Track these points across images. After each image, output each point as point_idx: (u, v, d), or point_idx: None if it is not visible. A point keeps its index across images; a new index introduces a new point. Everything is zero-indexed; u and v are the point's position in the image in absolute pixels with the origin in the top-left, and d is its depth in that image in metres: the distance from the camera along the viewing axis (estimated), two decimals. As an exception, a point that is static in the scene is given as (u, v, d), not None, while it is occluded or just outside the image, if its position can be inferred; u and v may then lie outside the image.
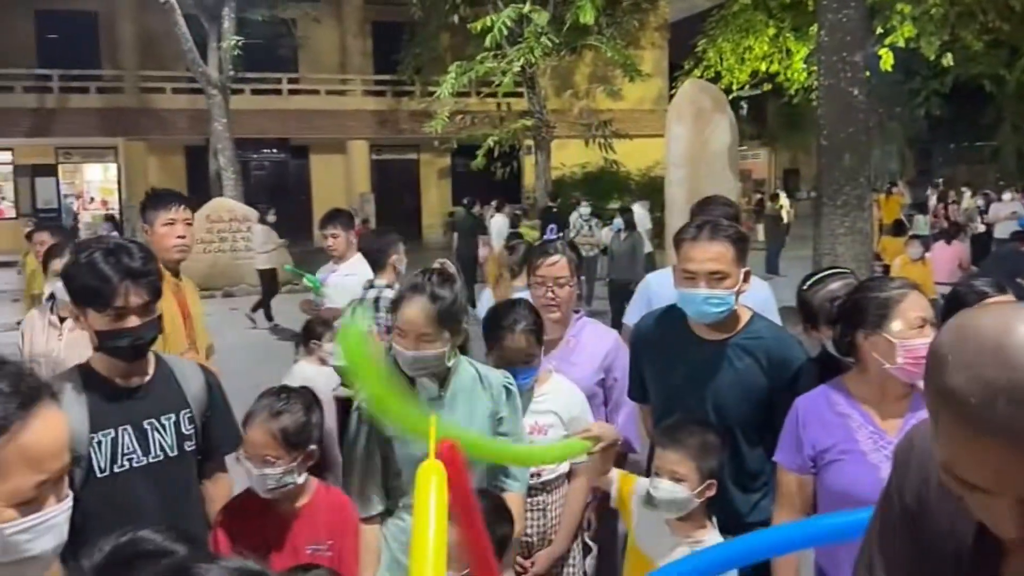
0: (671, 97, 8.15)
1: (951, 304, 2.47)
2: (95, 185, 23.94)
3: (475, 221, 13.39)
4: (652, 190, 16.53)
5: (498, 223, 12.78)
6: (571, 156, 20.16)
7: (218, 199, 15.68)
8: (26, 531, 1.05)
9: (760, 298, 3.02)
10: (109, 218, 12.48)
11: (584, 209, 12.21)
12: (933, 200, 19.30)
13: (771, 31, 15.17)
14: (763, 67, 15.59)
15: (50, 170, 22.96)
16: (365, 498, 2.38)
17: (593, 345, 3.03)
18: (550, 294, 2.95)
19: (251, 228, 14.31)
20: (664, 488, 2.29)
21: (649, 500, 2.34)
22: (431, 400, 2.37)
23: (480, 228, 13.11)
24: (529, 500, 2.63)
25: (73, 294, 2.14)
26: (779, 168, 29.41)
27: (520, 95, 17.54)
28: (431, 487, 1.52)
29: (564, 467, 2.71)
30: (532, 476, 2.62)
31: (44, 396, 1.08)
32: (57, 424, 1.09)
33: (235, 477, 2.42)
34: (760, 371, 2.48)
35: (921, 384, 1.97)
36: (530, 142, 16.98)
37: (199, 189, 17.95)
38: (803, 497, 2.23)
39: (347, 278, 4.96)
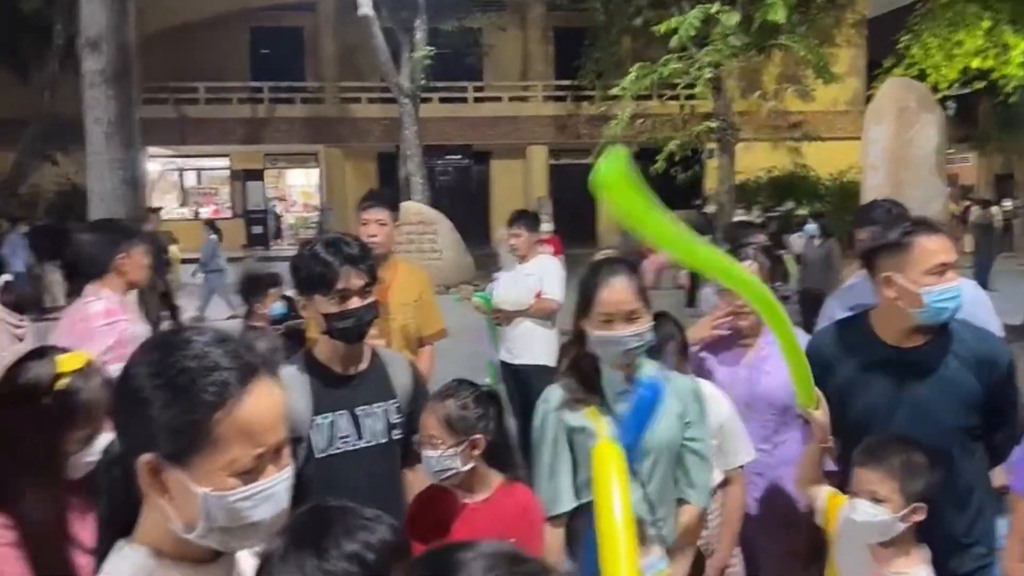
0: (868, 98, 7.65)
1: None
2: (297, 189, 25.85)
3: (708, 221, 13.27)
4: (844, 195, 15.65)
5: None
6: (757, 160, 19.48)
7: (406, 202, 16.45)
8: (247, 499, 1.09)
9: (969, 297, 2.77)
10: (213, 229, 13.53)
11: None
12: None
13: (985, 24, 13.91)
14: (975, 63, 14.33)
15: (258, 175, 25.04)
16: (554, 495, 2.34)
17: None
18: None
19: (436, 230, 14.93)
20: (863, 510, 2.13)
21: (848, 523, 2.20)
22: (618, 394, 2.33)
23: (710, 229, 12.78)
24: None
25: (300, 283, 2.35)
26: (990, 173, 26.96)
27: (703, 97, 17.18)
28: (611, 469, 1.49)
29: (718, 476, 2.64)
30: None
31: (262, 371, 1.11)
32: (274, 398, 1.12)
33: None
34: (970, 373, 2.27)
35: None
36: (713, 145, 16.57)
37: (390, 193, 18.91)
38: None
39: (527, 276, 5.08)
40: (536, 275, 5.10)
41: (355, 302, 2.28)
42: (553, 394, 2.40)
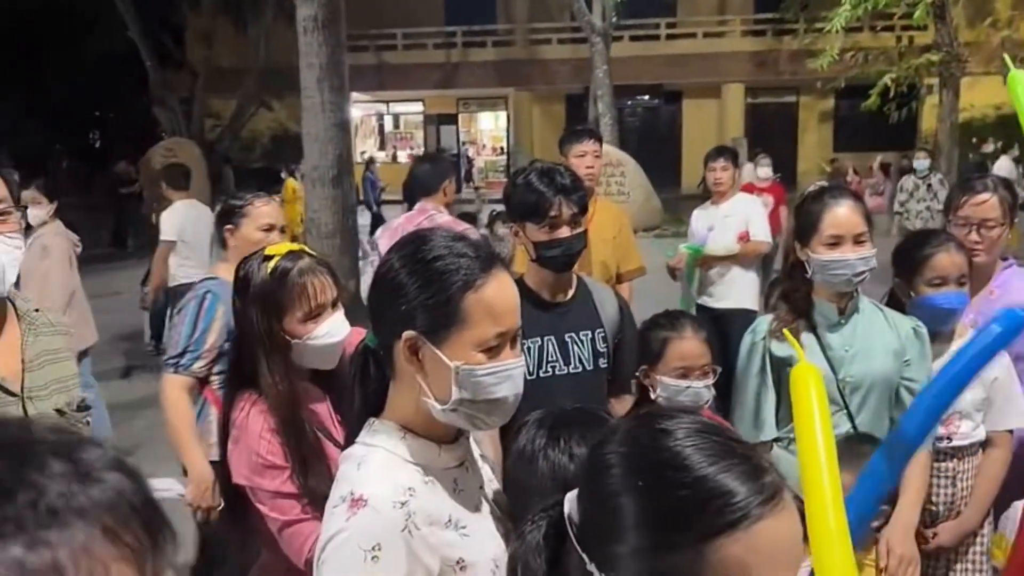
0: None
1: None
2: (487, 133, 26.38)
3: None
4: (1090, 134, 13.83)
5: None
6: (983, 96, 17.57)
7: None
8: (492, 374, 1.23)
9: None
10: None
11: (921, 163, 9.02)
12: None
13: None
14: None
15: (451, 119, 25.76)
16: (758, 423, 2.36)
17: (1020, 295, 2.63)
18: (975, 236, 2.61)
19: (624, 172, 14.73)
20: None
21: None
22: (831, 326, 2.30)
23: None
24: (937, 466, 2.41)
25: (512, 210, 2.43)
26: None
27: (923, 28, 15.63)
28: (811, 392, 1.45)
29: (980, 434, 2.45)
30: (942, 440, 2.38)
31: (498, 262, 1.26)
32: (510, 285, 1.26)
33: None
34: None
35: None
36: (933, 80, 15.08)
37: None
38: None
39: (726, 219, 4.90)
40: (736, 216, 4.92)
41: (565, 231, 2.32)
42: (762, 324, 2.41)
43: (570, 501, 0.97)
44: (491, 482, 1.42)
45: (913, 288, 2.47)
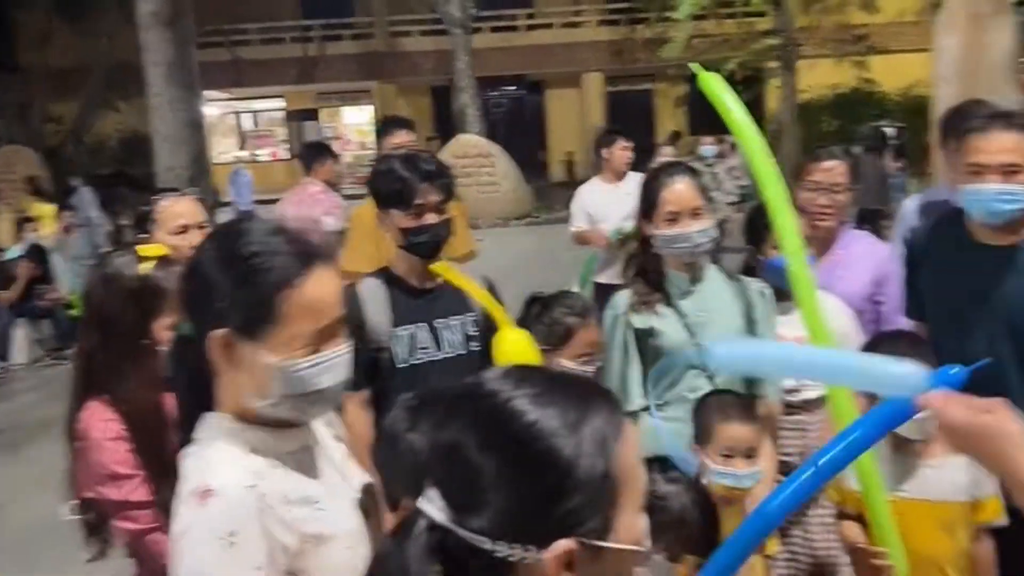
0: (936, 6, 7.27)
1: None
2: (353, 128, 25.96)
3: (882, 136, 13.34)
4: (913, 111, 15.04)
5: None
6: (820, 77, 18.76)
7: (462, 136, 16.41)
8: (314, 367, 1.22)
9: None
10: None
11: (708, 150, 9.52)
12: None
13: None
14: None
15: (313, 115, 25.18)
16: (625, 394, 2.46)
17: (863, 259, 2.89)
18: (824, 200, 2.83)
19: (493, 162, 14.90)
20: None
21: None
22: (684, 294, 2.44)
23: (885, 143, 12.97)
24: (788, 419, 2.59)
25: (378, 197, 2.42)
26: (1071, 81, 25.49)
27: (763, 14, 16.54)
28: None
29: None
30: (791, 393, 2.58)
31: (320, 257, 1.23)
32: (330, 280, 1.24)
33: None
34: None
35: None
36: (775, 64, 16.03)
37: (444, 127, 18.91)
38: None
39: (627, 196, 5.06)
40: (635, 194, 5.09)
41: (431, 218, 2.34)
42: (621, 299, 2.49)
43: (430, 500, 0.89)
44: (346, 459, 1.43)
45: (761, 253, 2.67)
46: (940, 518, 2.20)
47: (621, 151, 5.26)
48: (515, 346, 2.05)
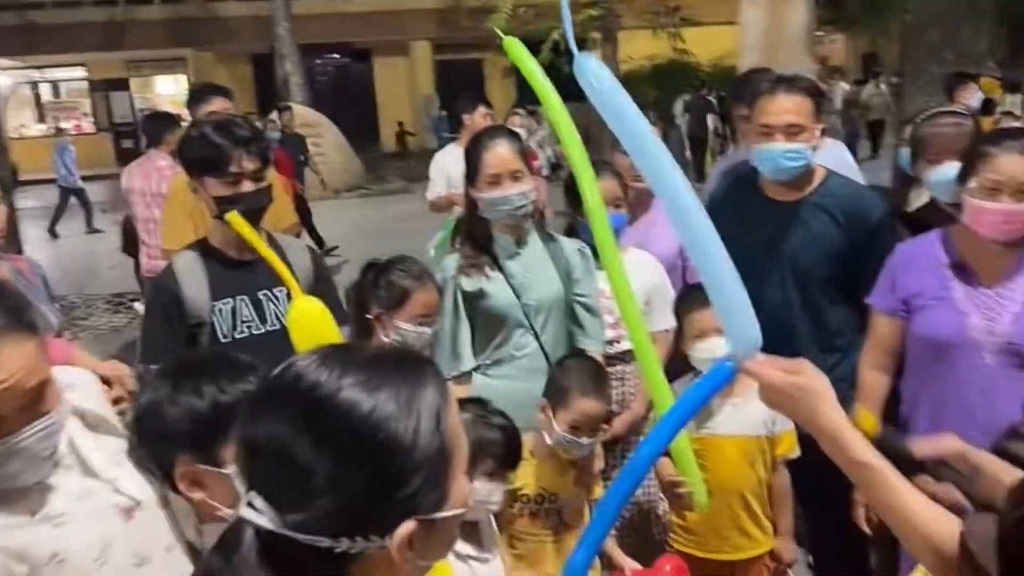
0: (743, -20, 7.81)
1: None
2: (167, 99, 24.36)
3: (708, 104, 14.49)
4: (724, 80, 15.96)
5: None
6: (640, 48, 19.53)
7: (287, 104, 15.82)
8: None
9: (837, 157, 3.03)
10: None
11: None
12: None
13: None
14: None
15: (122, 84, 23.43)
16: (457, 356, 2.52)
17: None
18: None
19: (320, 133, 14.47)
20: (699, 348, 2.34)
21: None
22: (510, 256, 2.51)
23: (712, 108, 14.21)
24: (608, 369, 2.71)
25: (189, 165, 2.31)
26: (857, 54, 27.93)
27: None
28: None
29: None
30: (610, 344, 2.73)
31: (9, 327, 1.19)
32: (14, 352, 1.18)
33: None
34: (836, 228, 2.52)
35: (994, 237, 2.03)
36: (597, 35, 16.50)
37: (268, 96, 18.15)
38: (892, 340, 2.31)
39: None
40: None
41: (247, 186, 2.26)
42: (450, 263, 2.53)
43: (254, 507, 0.83)
44: (116, 453, 1.39)
45: (580, 214, 2.79)
46: (742, 452, 2.41)
47: (482, 118, 5.25)
48: (307, 316, 2.03)
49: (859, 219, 2.52)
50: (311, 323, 2.00)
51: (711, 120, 14.31)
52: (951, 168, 2.33)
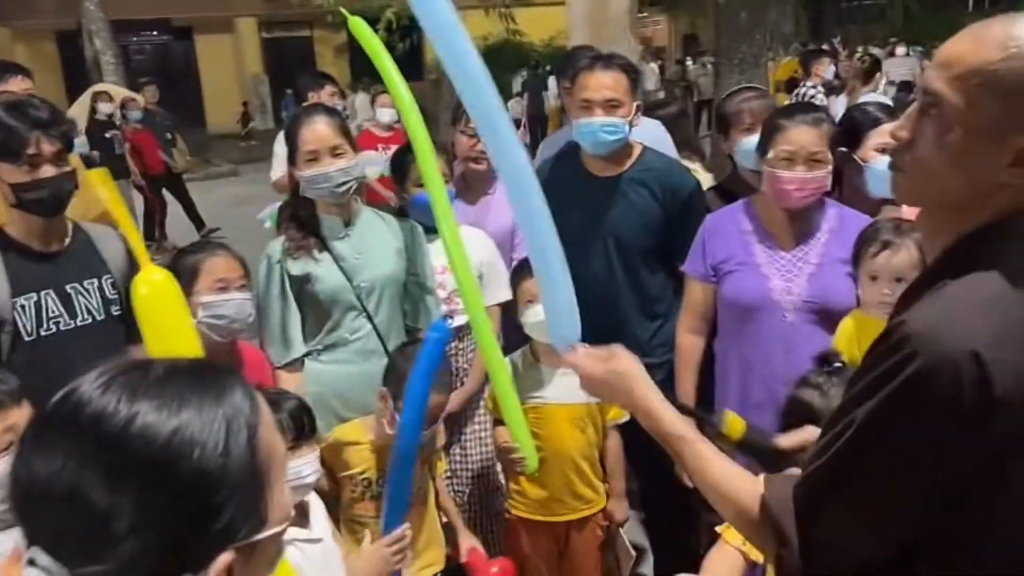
0: (568, -39, 8.03)
1: (847, 127, 2.65)
2: (-42, 78, 22.10)
3: (542, 80, 14.82)
4: (556, 59, 16.33)
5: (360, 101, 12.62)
6: (473, 28, 19.26)
7: (100, 84, 14.72)
8: None
9: (653, 135, 3.20)
10: None
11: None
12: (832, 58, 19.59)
13: None
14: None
15: (-97, 62, 21.01)
16: (287, 343, 2.47)
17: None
18: (478, 146, 3.01)
19: (139, 115, 13.57)
20: (531, 312, 2.41)
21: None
22: (337, 238, 2.47)
23: (545, 86, 14.34)
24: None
25: None
26: (678, 34, 29.32)
27: (415, -36, 16.78)
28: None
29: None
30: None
31: None
32: None
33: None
34: (654, 200, 2.65)
35: (792, 203, 2.22)
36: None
37: (76, 76, 16.82)
38: (706, 303, 2.48)
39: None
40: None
41: (49, 170, 2.10)
42: (275, 247, 2.47)
43: (36, 564, 0.72)
44: None
45: (405, 191, 2.81)
46: (573, 418, 2.51)
47: (329, 96, 5.12)
48: (153, 286, 1.94)
49: (674, 192, 2.66)
50: (156, 294, 1.90)
51: (549, 98, 14.63)
52: (753, 140, 2.51)
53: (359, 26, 2.09)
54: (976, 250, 1.03)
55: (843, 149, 2.49)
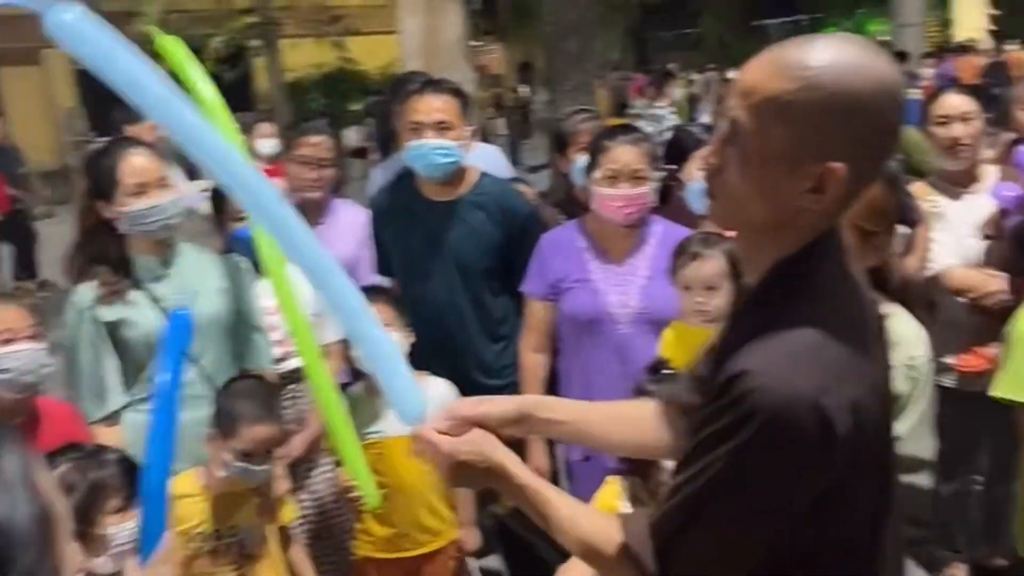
0: (397, -8, 8.07)
1: (672, 148, 2.76)
2: None
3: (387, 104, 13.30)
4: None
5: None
6: (305, 57, 19.22)
7: None
8: None
9: (490, 160, 3.23)
10: None
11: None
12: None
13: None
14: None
15: None
16: (101, 395, 2.29)
17: (348, 220, 3.07)
18: (311, 173, 2.94)
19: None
20: None
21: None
22: (157, 278, 2.33)
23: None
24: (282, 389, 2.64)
25: None
26: (514, 62, 30.10)
27: (240, -9, 16.34)
28: None
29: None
30: (277, 362, 2.62)
31: None
32: None
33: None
34: (492, 223, 2.66)
35: (624, 220, 2.30)
36: (258, 42, 15.97)
37: None
38: (547, 322, 2.51)
39: None
40: None
41: None
42: (83, 294, 2.28)
43: None
44: None
45: (223, 225, 2.68)
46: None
47: (150, 130, 4.67)
48: None
49: (512, 215, 2.68)
50: None
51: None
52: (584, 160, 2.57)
53: (168, 44, 1.98)
54: (792, 274, 1.07)
55: (670, 167, 2.60)
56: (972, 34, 14.09)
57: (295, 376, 2.67)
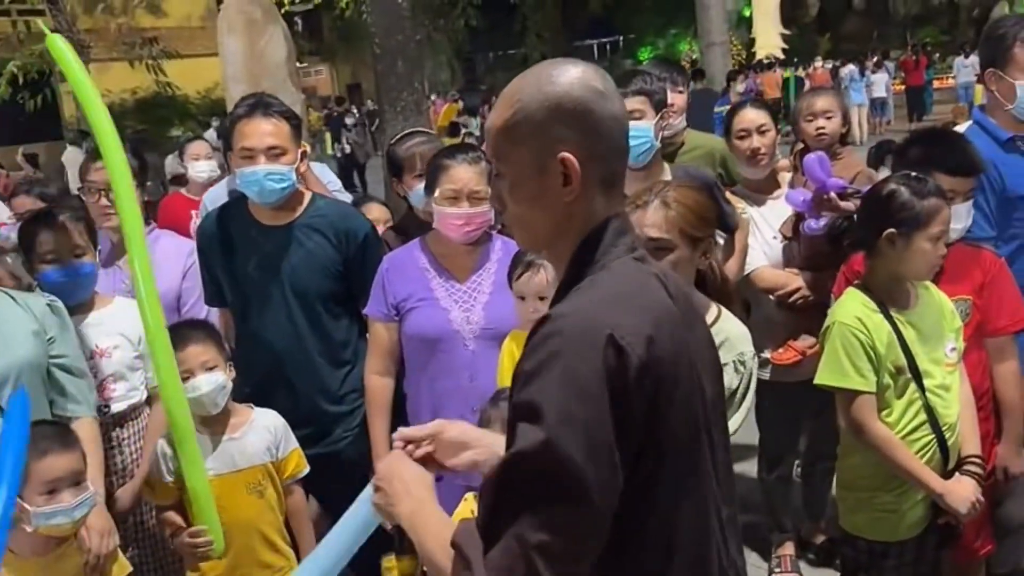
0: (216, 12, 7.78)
1: None
2: None
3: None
4: (215, 112, 15.70)
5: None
6: (117, 81, 18.11)
7: None
8: None
9: (327, 181, 3.18)
10: None
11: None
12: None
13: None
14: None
15: None
16: None
17: (172, 252, 2.94)
18: (104, 201, 2.85)
19: None
20: (189, 386, 2.28)
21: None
22: None
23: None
24: (110, 436, 2.49)
25: None
26: (342, 84, 29.75)
27: (42, 13, 15.19)
28: None
29: (140, 396, 2.58)
30: (103, 410, 2.46)
31: None
32: None
33: None
34: (329, 245, 2.61)
35: (463, 238, 2.33)
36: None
37: None
38: (391, 343, 2.49)
39: None
40: None
41: None
42: None
43: None
44: None
45: (34, 267, 2.49)
46: (247, 483, 2.37)
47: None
48: None
49: (349, 236, 2.63)
50: None
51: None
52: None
53: (57, 46, 1.91)
54: (584, 258, 1.21)
55: None
56: (771, 51, 15.30)
57: (120, 421, 2.51)
